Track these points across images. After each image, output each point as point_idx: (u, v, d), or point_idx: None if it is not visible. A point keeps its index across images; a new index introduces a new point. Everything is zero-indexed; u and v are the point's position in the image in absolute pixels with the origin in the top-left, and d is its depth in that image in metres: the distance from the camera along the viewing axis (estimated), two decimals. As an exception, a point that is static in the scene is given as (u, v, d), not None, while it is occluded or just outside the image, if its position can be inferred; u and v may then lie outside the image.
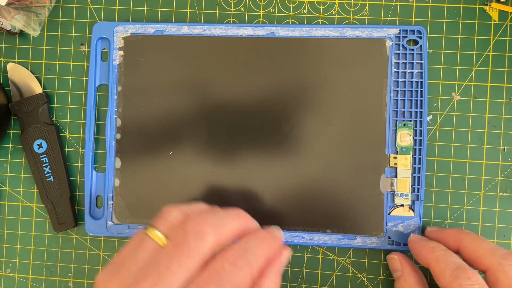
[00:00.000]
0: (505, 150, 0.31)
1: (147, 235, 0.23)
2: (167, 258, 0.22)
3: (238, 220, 0.24)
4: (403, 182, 0.30)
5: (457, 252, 0.27)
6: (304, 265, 0.32)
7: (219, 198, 0.31)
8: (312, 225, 0.30)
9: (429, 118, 0.31)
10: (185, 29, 0.31)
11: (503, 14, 0.31)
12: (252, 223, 0.26)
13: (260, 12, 0.32)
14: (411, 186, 0.30)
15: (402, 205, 0.30)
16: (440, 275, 0.26)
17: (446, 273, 0.25)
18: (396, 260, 0.29)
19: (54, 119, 0.33)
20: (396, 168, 0.30)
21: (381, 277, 0.31)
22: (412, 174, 0.30)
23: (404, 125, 0.30)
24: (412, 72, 0.30)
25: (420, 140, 0.30)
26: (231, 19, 0.32)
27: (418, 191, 0.30)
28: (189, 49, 0.31)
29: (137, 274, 0.22)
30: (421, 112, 0.30)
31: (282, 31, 0.31)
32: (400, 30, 0.30)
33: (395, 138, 0.30)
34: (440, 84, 0.31)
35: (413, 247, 0.28)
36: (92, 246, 0.33)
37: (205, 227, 0.23)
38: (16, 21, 0.31)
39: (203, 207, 0.25)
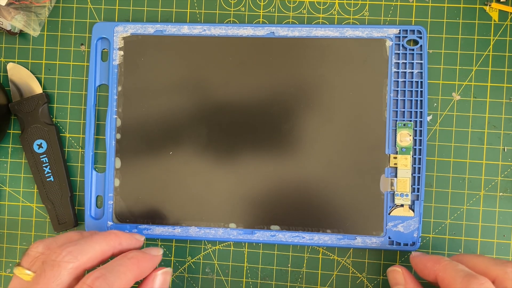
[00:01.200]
0: (505, 150, 0.31)
1: (14, 274, 0.25)
2: None
3: (102, 243, 0.26)
4: (403, 182, 0.30)
5: None
6: (304, 265, 0.32)
7: (219, 198, 0.31)
8: (312, 225, 0.30)
9: (429, 118, 0.31)
10: (185, 29, 0.31)
11: (503, 14, 0.31)
12: (126, 242, 0.27)
13: (260, 12, 0.32)
14: (411, 186, 0.30)
15: (402, 205, 0.30)
16: (451, 283, 0.25)
17: (457, 281, 0.24)
18: (399, 273, 0.28)
19: (54, 119, 0.33)
20: (396, 168, 0.30)
21: (381, 277, 0.31)
22: (412, 174, 0.30)
23: (404, 125, 0.30)
24: (412, 72, 0.30)
25: (420, 140, 0.30)
26: (231, 19, 0.32)
27: (418, 191, 0.30)
28: (189, 49, 0.31)
29: None
30: (421, 112, 0.30)
31: (282, 31, 0.31)
32: (400, 30, 0.30)
33: (395, 138, 0.30)
34: (440, 84, 0.31)
35: (416, 262, 0.28)
36: (92, 246, 0.33)
37: (61, 256, 0.24)
38: (16, 21, 0.31)
39: (70, 236, 0.27)
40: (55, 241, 0.26)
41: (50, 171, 0.32)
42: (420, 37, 0.30)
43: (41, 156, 0.32)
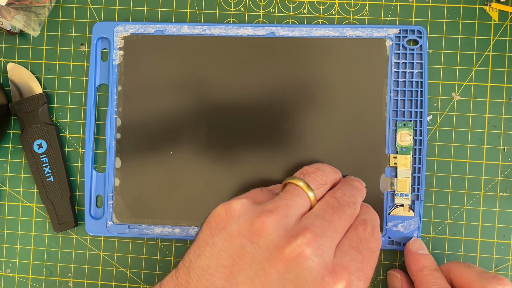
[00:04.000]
0: (505, 150, 0.31)
1: (296, 185, 0.25)
2: (331, 216, 0.24)
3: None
4: (403, 182, 0.30)
5: (450, 283, 0.27)
6: (304, 265, 0.32)
7: (219, 197, 0.31)
8: (312, 225, 0.30)
9: (429, 118, 0.31)
10: (185, 29, 0.31)
11: (503, 14, 0.31)
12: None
13: (260, 12, 0.32)
14: (411, 186, 0.30)
15: (402, 205, 0.30)
16: (417, 284, 0.27)
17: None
18: (398, 279, 0.29)
19: (54, 119, 0.33)
20: (396, 168, 0.30)
21: (381, 277, 0.31)
22: (412, 174, 0.30)
23: (404, 125, 0.30)
24: (412, 72, 0.30)
25: (420, 140, 0.30)
26: (231, 19, 0.32)
27: (418, 191, 0.30)
28: (189, 49, 0.31)
29: (298, 221, 0.23)
30: (421, 112, 0.30)
31: (282, 31, 0.31)
32: (400, 30, 0.30)
33: (395, 138, 0.30)
34: (440, 84, 0.31)
35: (406, 254, 0.29)
36: (92, 246, 0.33)
37: (354, 199, 0.26)
38: (16, 21, 0.31)
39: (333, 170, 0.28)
40: (327, 171, 0.27)
41: (50, 171, 0.32)
42: (420, 37, 0.30)
43: (41, 156, 0.32)
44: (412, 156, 0.30)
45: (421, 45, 0.30)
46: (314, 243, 0.21)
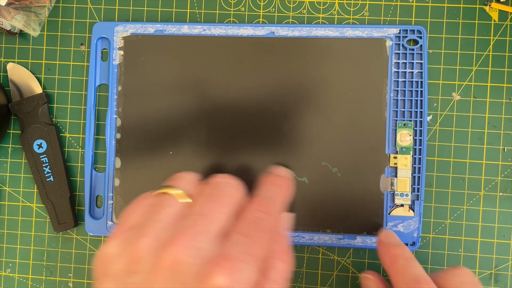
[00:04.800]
0: (505, 150, 0.31)
1: (167, 194, 0.23)
2: (203, 208, 0.22)
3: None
4: (403, 182, 0.30)
5: None
6: (304, 265, 0.32)
7: (219, 198, 0.31)
8: (312, 225, 0.30)
9: (429, 118, 0.31)
10: (185, 29, 0.31)
11: (503, 14, 0.31)
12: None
13: (260, 12, 0.32)
14: (411, 186, 0.30)
15: (402, 205, 0.30)
16: (394, 279, 0.25)
17: (401, 282, 0.25)
18: (370, 280, 0.28)
19: (54, 119, 0.33)
20: (396, 168, 0.30)
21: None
22: (412, 174, 0.30)
23: (404, 125, 0.30)
24: (412, 72, 0.30)
25: (420, 140, 0.30)
26: (231, 19, 0.32)
27: (418, 191, 0.30)
28: (189, 49, 0.31)
29: (170, 230, 0.21)
30: (421, 112, 0.30)
31: (282, 31, 0.31)
32: (400, 30, 0.30)
33: (395, 138, 0.30)
34: (440, 84, 0.31)
35: (379, 248, 0.28)
36: (92, 246, 0.33)
37: (230, 179, 0.24)
38: (16, 21, 0.31)
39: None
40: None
41: (50, 171, 0.32)
42: (420, 37, 0.30)
43: (41, 156, 0.32)
44: (412, 156, 0.30)
45: (421, 45, 0.30)
46: (185, 245, 0.20)
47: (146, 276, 0.20)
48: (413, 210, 0.30)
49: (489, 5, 0.31)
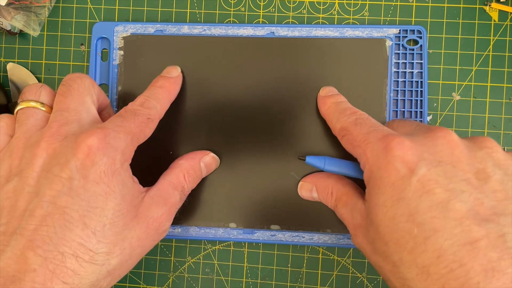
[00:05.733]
0: (505, 150, 0.31)
1: (29, 108, 0.26)
2: (61, 105, 0.25)
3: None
4: (403, 182, 0.30)
5: None
6: (304, 265, 0.32)
7: (219, 197, 0.31)
8: (312, 225, 0.30)
9: (429, 118, 0.31)
10: (185, 29, 0.31)
11: (503, 14, 0.31)
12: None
13: (260, 12, 0.32)
14: (411, 186, 0.30)
15: (402, 205, 0.30)
16: (330, 123, 0.28)
17: (333, 119, 0.27)
18: (306, 184, 0.29)
19: (54, 119, 0.33)
20: (396, 168, 0.30)
21: (380, 278, 0.31)
22: (412, 174, 0.30)
23: (404, 125, 0.30)
24: (412, 72, 0.30)
25: (420, 140, 0.30)
26: (231, 19, 0.32)
27: (418, 191, 0.30)
28: (189, 49, 0.31)
29: (38, 133, 0.25)
30: (421, 112, 0.30)
31: (282, 31, 0.31)
32: (400, 30, 0.30)
33: (395, 138, 0.30)
34: (440, 84, 0.31)
35: (318, 103, 0.30)
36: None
37: (80, 75, 0.27)
38: (16, 21, 0.31)
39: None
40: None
41: (50, 171, 0.32)
42: (420, 37, 0.30)
43: (41, 156, 0.32)
44: (412, 156, 0.30)
45: (421, 45, 0.30)
46: (56, 133, 0.24)
47: (26, 171, 0.23)
48: (413, 210, 0.30)
49: (489, 5, 0.31)
